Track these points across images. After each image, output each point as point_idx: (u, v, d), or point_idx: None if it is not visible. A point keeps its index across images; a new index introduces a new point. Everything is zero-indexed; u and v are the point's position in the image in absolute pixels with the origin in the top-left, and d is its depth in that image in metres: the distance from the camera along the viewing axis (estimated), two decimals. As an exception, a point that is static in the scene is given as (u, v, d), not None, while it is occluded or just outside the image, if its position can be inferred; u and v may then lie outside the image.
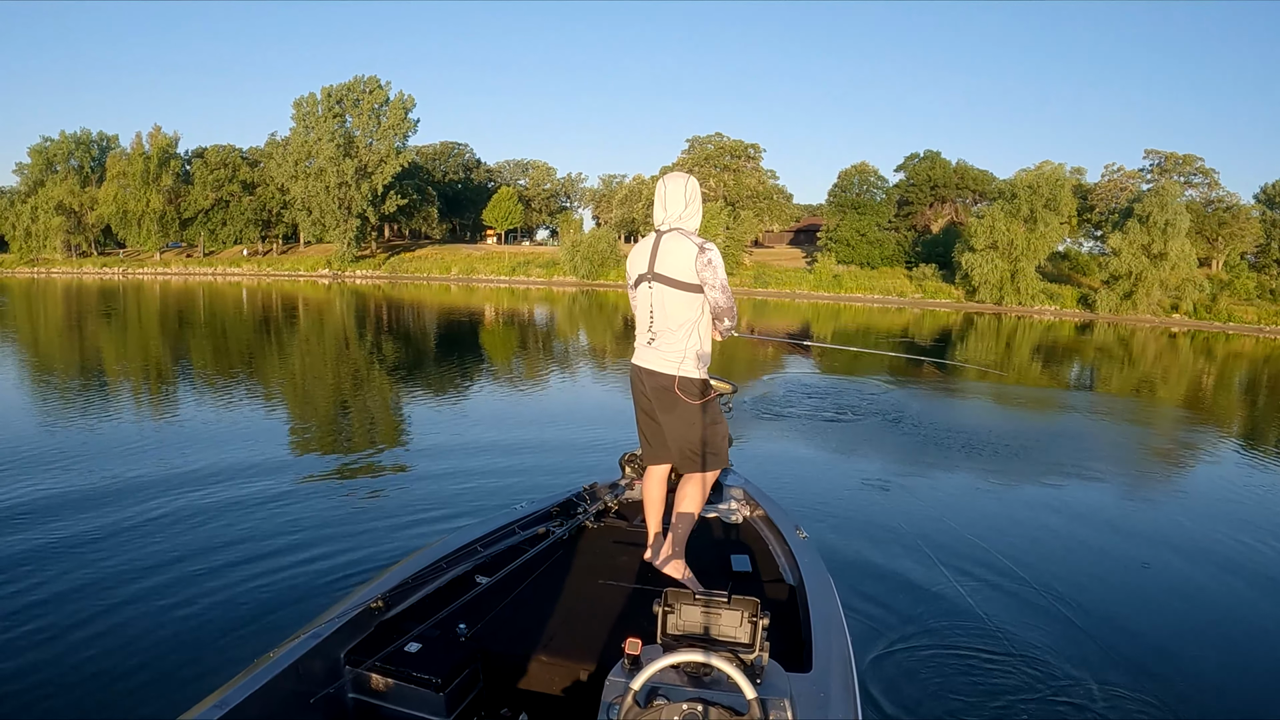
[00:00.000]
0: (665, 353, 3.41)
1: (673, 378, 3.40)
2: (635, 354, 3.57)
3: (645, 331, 3.48)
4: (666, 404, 3.45)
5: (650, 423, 3.60)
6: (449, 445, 8.96)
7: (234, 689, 2.24)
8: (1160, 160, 59.89)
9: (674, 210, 3.39)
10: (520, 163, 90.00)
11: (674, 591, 2.26)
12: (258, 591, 4.79)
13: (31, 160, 72.04)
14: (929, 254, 60.35)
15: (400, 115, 65.85)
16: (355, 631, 2.73)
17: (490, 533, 3.57)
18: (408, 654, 2.64)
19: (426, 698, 2.55)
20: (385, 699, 2.62)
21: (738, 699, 1.94)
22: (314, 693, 2.46)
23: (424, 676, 2.55)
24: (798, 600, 3.12)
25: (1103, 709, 3.86)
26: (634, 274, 3.51)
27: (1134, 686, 4.08)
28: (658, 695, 1.99)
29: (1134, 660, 4.37)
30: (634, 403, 3.66)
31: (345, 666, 2.64)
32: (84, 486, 6.83)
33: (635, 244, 3.59)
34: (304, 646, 2.50)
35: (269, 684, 2.31)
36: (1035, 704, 3.87)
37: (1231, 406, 16.41)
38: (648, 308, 3.45)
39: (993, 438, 10.59)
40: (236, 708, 2.17)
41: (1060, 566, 5.75)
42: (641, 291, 3.47)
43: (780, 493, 4.66)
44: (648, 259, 3.41)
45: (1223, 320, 46.91)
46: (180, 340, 21.27)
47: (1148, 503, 8.05)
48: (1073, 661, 4.28)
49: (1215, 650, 4.65)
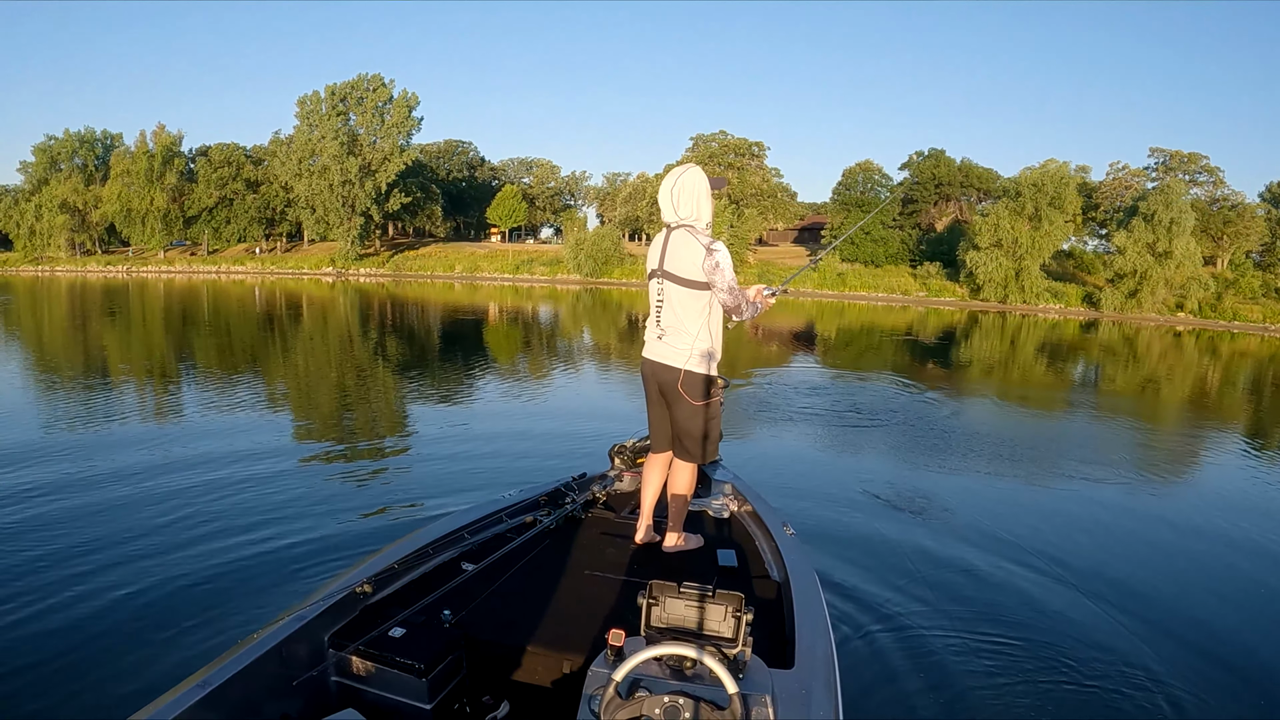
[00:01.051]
0: (674, 347, 3.51)
1: (679, 372, 3.50)
2: (646, 346, 3.68)
3: (655, 325, 3.60)
4: (672, 396, 3.56)
5: (659, 412, 3.71)
6: (442, 436, 8.99)
7: (216, 670, 2.23)
8: (1165, 158, 59.66)
9: (681, 205, 3.44)
10: (524, 161, 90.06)
11: (659, 584, 2.27)
12: (241, 574, 4.81)
13: (36, 158, 72.21)
14: (933, 252, 60.21)
15: (404, 113, 65.87)
16: (339, 615, 2.72)
17: (477, 520, 3.57)
18: (391, 639, 2.64)
19: (409, 683, 2.54)
20: (368, 683, 2.61)
21: (719, 693, 1.94)
22: (297, 675, 2.45)
23: (407, 662, 2.54)
24: (782, 597, 3.12)
25: (1090, 711, 3.86)
26: (648, 268, 3.63)
27: (1122, 685, 4.07)
28: (639, 687, 1.98)
29: (1132, 662, 4.35)
30: (645, 392, 3.77)
31: (329, 650, 2.63)
32: (74, 471, 6.87)
33: (652, 239, 3.72)
34: (288, 629, 2.49)
35: (251, 665, 2.30)
36: (1018, 704, 3.88)
37: (1240, 405, 16.32)
38: (655, 303, 3.57)
39: (987, 438, 10.54)
40: (218, 689, 2.17)
41: (1047, 568, 5.70)
42: (653, 286, 3.59)
43: (769, 489, 4.68)
44: (659, 255, 3.52)
45: (1228, 319, 46.70)
46: (185, 338, 21.35)
47: (1147, 502, 7.98)
48: (1057, 663, 4.27)
49: (1212, 657, 4.60)
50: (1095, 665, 4.26)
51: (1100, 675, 4.15)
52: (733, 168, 67.48)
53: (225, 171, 71.99)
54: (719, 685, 1.94)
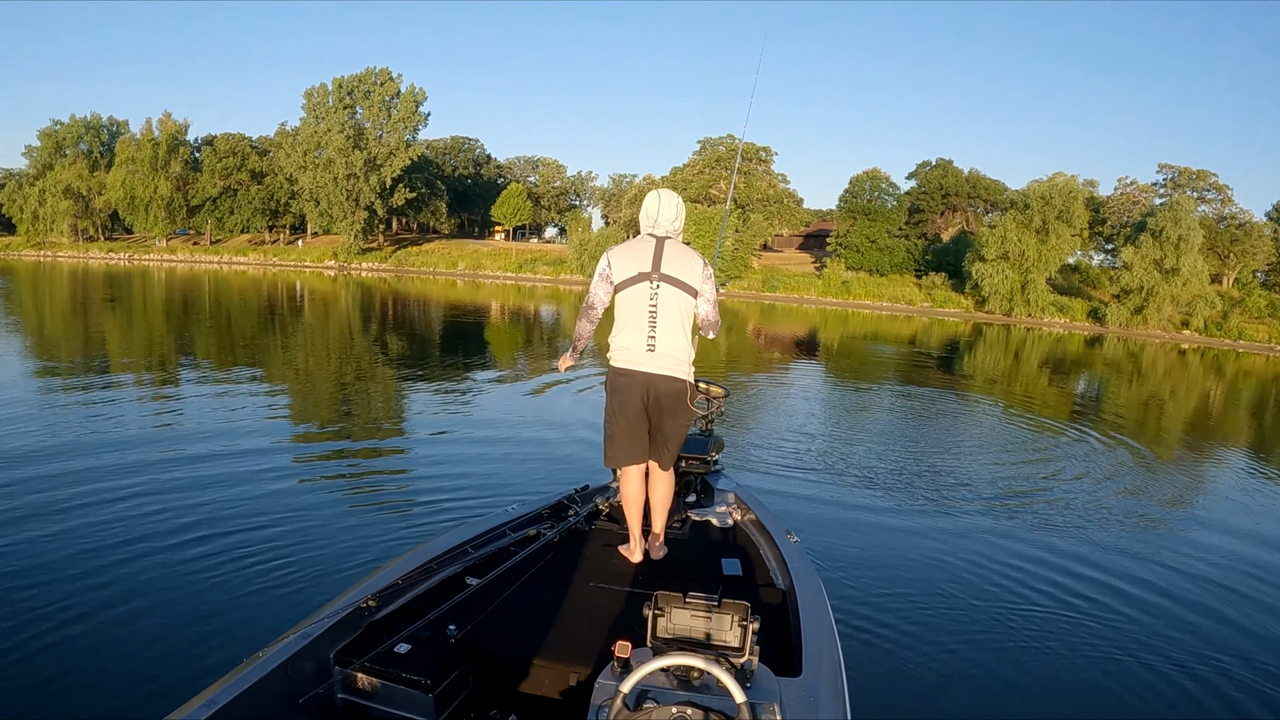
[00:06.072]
0: (673, 358, 3.44)
1: (684, 383, 3.48)
2: (625, 358, 3.48)
3: (642, 333, 3.41)
4: (671, 407, 3.50)
5: (638, 426, 3.54)
6: (445, 445, 8.93)
7: (222, 689, 2.22)
8: (1174, 174, 59.54)
9: (666, 220, 3.46)
10: (530, 159, 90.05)
11: (664, 595, 2.26)
12: (245, 590, 4.75)
13: (41, 143, 72.36)
14: (939, 262, 60.15)
15: (411, 108, 65.83)
16: (345, 631, 2.72)
17: (481, 534, 3.57)
18: (397, 655, 2.63)
19: (416, 699, 2.54)
20: (374, 699, 2.61)
21: (727, 703, 1.94)
22: (303, 693, 2.45)
23: (413, 677, 2.54)
24: (788, 604, 3.14)
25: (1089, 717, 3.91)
26: (629, 271, 3.42)
27: (1130, 699, 4.08)
28: (647, 698, 1.98)
29: (1132, 671, 4.36)
30: (618, 405, 3.54)
31: (335, 666, 2.63)
32: (73, 477, 6.72)
33: (621, 244, 3.58)
34: (293, 646, 2.49)
35: (258, 684, 2.29)
36: (1026, 709, 3.90)
37: (1243, 425, 16.16)
38: (646, 309, 3.40)
39: (991, 449, 10.46)
40: (224, 707, 2.15)
41: (1059, 575, 5.67)
42: (638, 291, 3.40)
43: (771, 497, 4.77)
44: (650, 258, 3.40)
45: (1233, 338, 46.62)
46: (185, 329, 21.29)
47: (1150, 527, 7.79)
48: (1066, 670, 4.29)
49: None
50: (1108, 670, 4.27)
51: (1113, 680, 4.16)
52: (740, 172, 67.37)
53: (230, 161, 71.99)
54: (726, 695, 1.94)
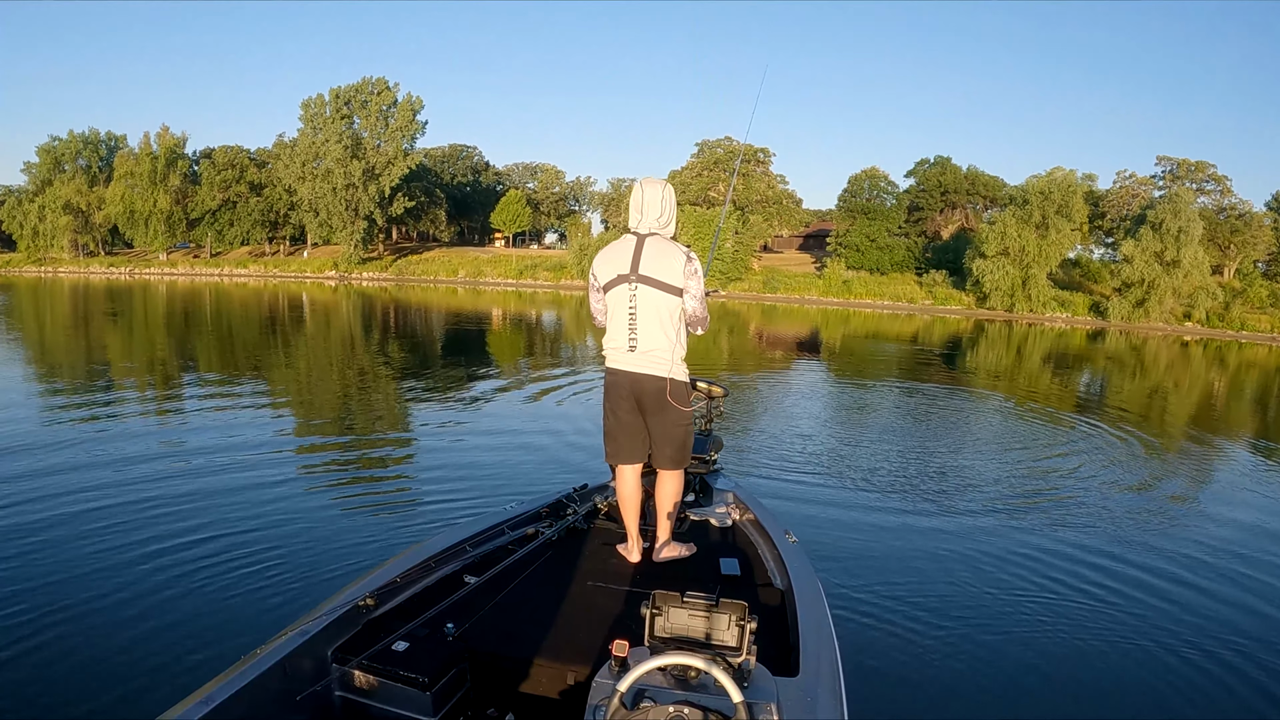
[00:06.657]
0: (653, 356, 3.45)
1: (665, 381, 3.46)
2: (613, 358, 3.56)
3: (624, 333, 3.47)
4: (656, 406, 3.51)
5: (631, 424, 3.60)
6: (445, 446, 8.91)
7: (219, 686, 2.22)
8: (1173, 167, 59.50)
9: (651, 215, 3.44)
10: (529, 165, 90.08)
11: (662, 594, 2.25)
12: (243, 588, 4.76)
13: (39, 159, 72.44)
14: (939, 260, 60.11)
15: (408, 117, 65.92)
16: (343, 629, 2.73)
17: (479, 532, 3.57)
18: (395, 652, 2.64)
19: (413, 696, 2.55)
20: (372, 697, 2.62)
21: (725, 702, 1.94)
22: (300, 690, 2.45)
23: (411, 675, 2.54)
24: (786, 604, 3.14)
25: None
26: (609, 274, 3.47)
27: (1129, 698, 4.07)
28: (644, 698, 1.98)
29: (1133, 671, 4.33)
30: (610, 403, 3.64)
31: (332, 664, 2.64)
32: (74, 479, 6.77)
33: (604, 246, 3.60)
34: (291, 644, 2.49)
35: (255, 681, 2.30)
36: (1026, 709, 3.88)
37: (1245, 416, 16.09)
38: (626, 310, 3.43)
39: (993, 448, 10.41)
40: (221, 705, 2.16)
41: (1059, 575, 5.62)
42: (619, 293, 3.44)
43: (770, 497, 4.65)
44: (629, 260, 3.41)
45: (1236, 329, 46.54)
46: (187, 341, 21.30)
47: (1158, 522, 7.73)
48: (1065, 669, 4.27)
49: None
50: (1109, 670, 4.24)
51: (1114, 681, 4.14)
52: (738, 173, 67.39)
53: (229, 174, 72.06)
54: (724, 694, 1.94)
